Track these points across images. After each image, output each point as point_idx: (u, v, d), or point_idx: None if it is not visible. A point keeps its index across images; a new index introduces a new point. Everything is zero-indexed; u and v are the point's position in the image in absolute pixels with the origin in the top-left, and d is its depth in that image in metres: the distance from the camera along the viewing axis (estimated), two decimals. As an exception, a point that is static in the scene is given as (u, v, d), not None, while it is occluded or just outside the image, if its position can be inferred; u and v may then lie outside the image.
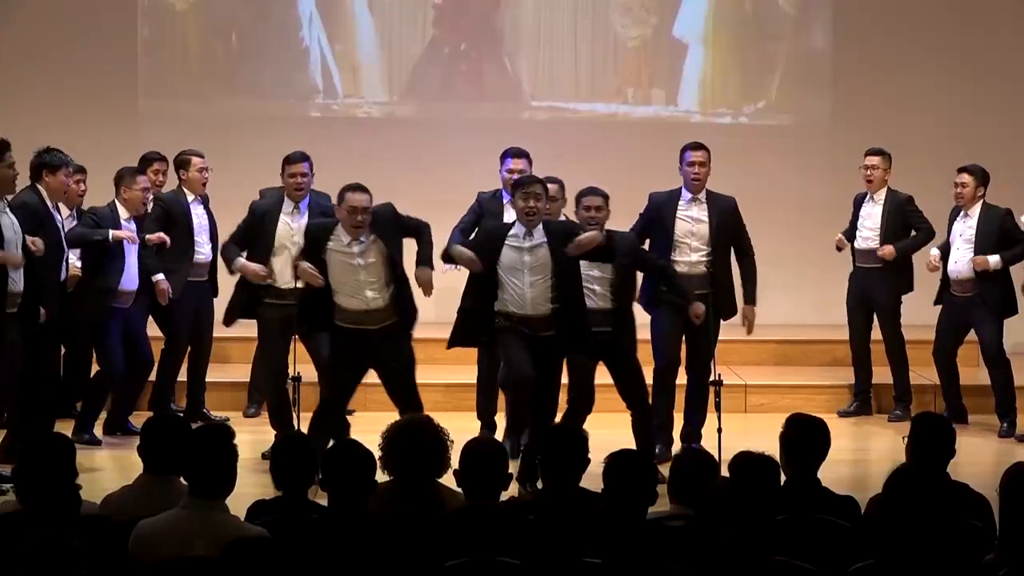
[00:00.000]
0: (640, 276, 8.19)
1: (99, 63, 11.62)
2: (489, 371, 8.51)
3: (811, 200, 10.68)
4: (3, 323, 7.60)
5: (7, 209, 7.78)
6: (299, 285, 7.93)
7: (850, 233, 9.69)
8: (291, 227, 8.37)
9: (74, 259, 8.69)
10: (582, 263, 7.77)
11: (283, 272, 8.23)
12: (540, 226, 7.69)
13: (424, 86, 11.98)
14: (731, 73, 12.06)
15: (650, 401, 8.11)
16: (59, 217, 8.26)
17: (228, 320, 8.35)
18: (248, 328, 9.26)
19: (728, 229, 8.50)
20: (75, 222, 8.71)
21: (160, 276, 8.79)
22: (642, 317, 8.25)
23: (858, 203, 9.69)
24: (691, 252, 8.44)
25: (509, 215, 8.39)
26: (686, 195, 8.52)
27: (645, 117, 11.78)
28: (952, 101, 11.70)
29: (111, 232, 8.58)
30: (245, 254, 8.32)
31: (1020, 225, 9.16)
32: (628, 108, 11.99)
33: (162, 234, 8.93)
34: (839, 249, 9.59)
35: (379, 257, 7.69)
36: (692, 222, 8.45)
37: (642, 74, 12.08)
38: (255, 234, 8.27)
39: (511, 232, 7.80)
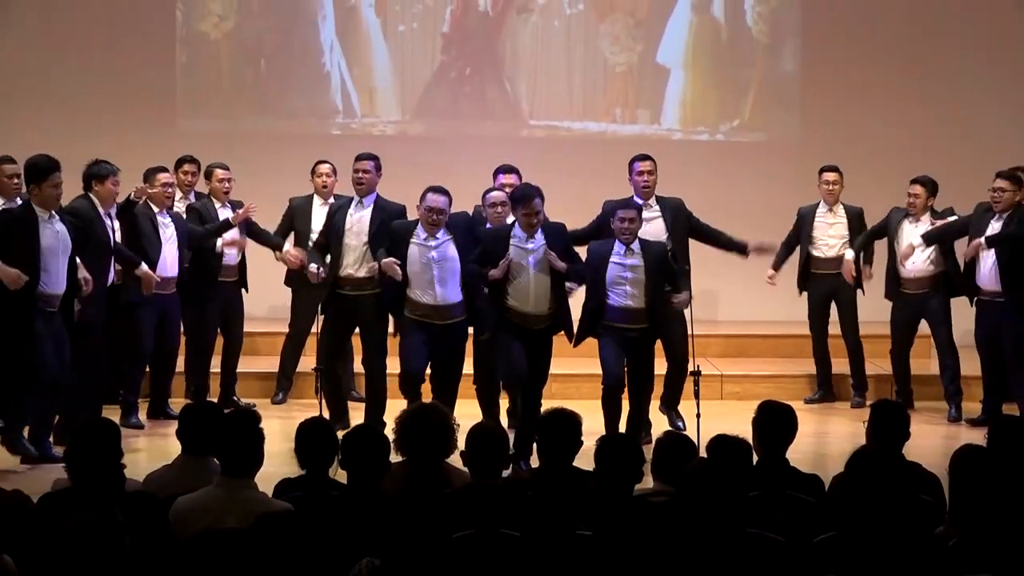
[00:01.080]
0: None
1: (142, 86, 11.61)
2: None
3: (780, 208, 10.63)
4: (41, 319, 7.63)
5: (56, 219, 7.80)
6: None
7: (792, 242, 9.66)
8: (352, 219, 8.37)
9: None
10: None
11: (354, 262, 8.36)
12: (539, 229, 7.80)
13: (433, 106, 11.97)
14: (708, 95, 12.04)
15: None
16: (108, 222, 8.27)
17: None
18: (272, 324, 9.30)
19: (681, 224, 8.48)
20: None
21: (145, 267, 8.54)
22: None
23: (808, 215, 9.64)
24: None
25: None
26: (638, 201, 8.47)
27: (631, 135, 11.75)
28: (907, 120, 11.68)
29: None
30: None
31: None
32: (616, 127, 11.98)
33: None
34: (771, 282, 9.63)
35: (450, 256, 7.84)
36: (647, 223, 8.38)
37: (628, 96, 12.07)
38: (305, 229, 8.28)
39: (513, 233, 7.87)
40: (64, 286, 7.77)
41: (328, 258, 8.45)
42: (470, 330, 8.17)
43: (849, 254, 9.40)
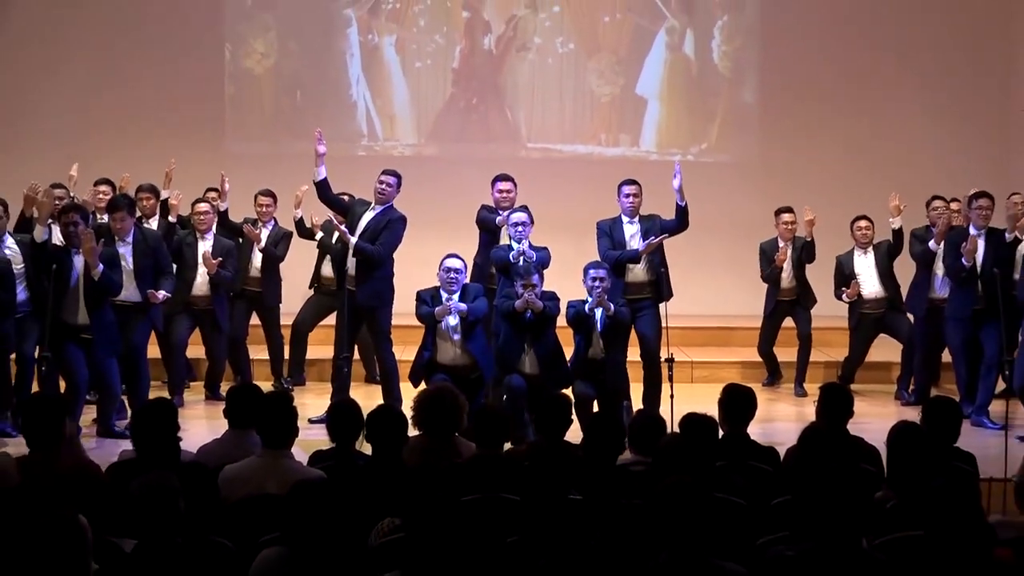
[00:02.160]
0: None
1: (196, 114, 11.64)
2: None
3: (741, 219, 10.66)
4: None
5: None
6: None
7: (771, 276, 9.50)
8: (364, 220, 8.25)
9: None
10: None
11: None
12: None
13: (444, 131, 11.98)
14: (680, 121, 12.05)
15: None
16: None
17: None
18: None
19: (656, 232, 8.38)
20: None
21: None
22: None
23: (770, 251, 9.52)
24: (634, 263, 8.39)
25: (504, 231, 8.46)
26: (625, 219, 8.49)
27: (614, 156, 11.77)
28: (853, 145, 11.69)
29: None
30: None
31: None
32: (601, 149, 11.99)
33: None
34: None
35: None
36: (630, 237, 8.42)
37: (612, 122, 12.08)
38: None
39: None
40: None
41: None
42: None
43: None
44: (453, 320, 7.81)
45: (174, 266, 8.58)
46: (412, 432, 5.35)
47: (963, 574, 3.73)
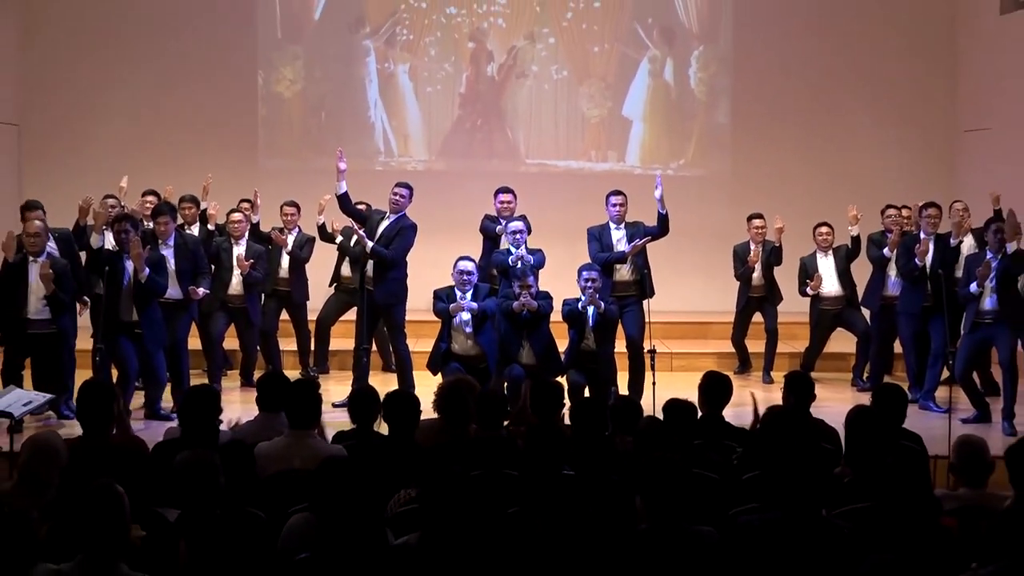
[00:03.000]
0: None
1: (232, 133, 11.65)
2: None
3: (715, 226, 10.67)
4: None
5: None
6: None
7: (745, 274, 9.51)
8: (380, 228, 8.27)
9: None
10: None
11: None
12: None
13: (452, 149, 11.97)
14: (661, 140, 12.05)
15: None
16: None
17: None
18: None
19: (639, 236, 8.39)
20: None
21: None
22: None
23: (742, 253, 9.53)
24: (621, 264, 8.42)
25: (504, 238, 8.46)
26: (612, 225, 8.50)
27: (602, 171, 11.77)
28: (816, 161, 11.70)
29: None
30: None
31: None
32: (591, 164, 11.99)
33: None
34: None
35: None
36: (617, 242, 8.44)
37: (600, 141, 12.07)
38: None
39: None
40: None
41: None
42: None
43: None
44: (466, 316, 7.84)
45: (212, 267, 8.63)
46: (426, 415, 5.35)
47: (911, 541, 3.74)
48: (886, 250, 8.90)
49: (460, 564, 3.51)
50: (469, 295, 7.89)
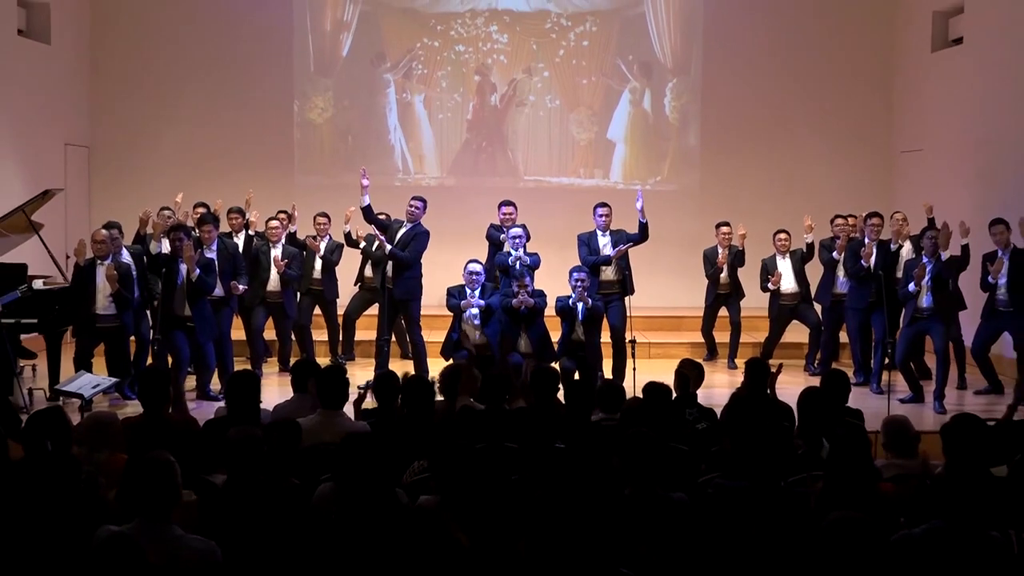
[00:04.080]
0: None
1: (271, 153, 11.61)
2: None
3: (687, 233, 10.65)
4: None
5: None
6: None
7: (714, 274, 9.49)
8: (399, 236, 8.31)
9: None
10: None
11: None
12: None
13: (461, 167, 11.95)
14: (640, 159, 12.03)
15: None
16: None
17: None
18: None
19: (622, 241, 8.39)
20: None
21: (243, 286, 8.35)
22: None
23: (711, 256, 9.51)
24: (606, 266, 8.42)
25: (506, 245, 8.45)
26: (599, 233, 8.50)
27: (590, 186, 11.75)
28: (774, 177, 11.69)
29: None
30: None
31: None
32: (580, 180, 11.97)
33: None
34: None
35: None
36: (603, 247, 8.43)
37: (588, 160, 12.05)
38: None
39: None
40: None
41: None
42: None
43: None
44: (474, 311, 7.84)
45: (251, 268, 8.64)
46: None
47: (855, 504, 3.75)
48: (835, 253, 8.93)
49: (472, 525, 3.51)
50: (477, 293, 7.90)
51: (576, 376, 7.62)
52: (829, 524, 3.13)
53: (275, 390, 7.96)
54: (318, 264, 9.19)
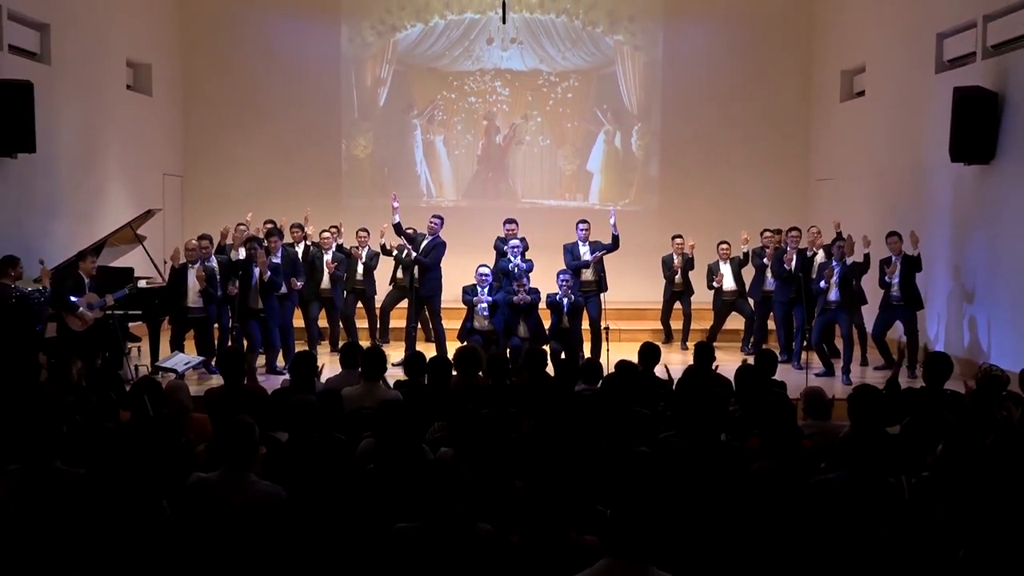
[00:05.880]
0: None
1: (323, 182, 11.58)
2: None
3: (649, 244, 10.56)
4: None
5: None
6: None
7: (670, 275, 9.45)
8: (422, 247, 8.26)
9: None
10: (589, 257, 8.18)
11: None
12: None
13: (472, 192, 11.92)
14: (612, 186, 11.99)
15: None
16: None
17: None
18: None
19: (599, 250, 8.37)
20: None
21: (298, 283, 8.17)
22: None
23: (668, 261, 9.49)
24: (586, 269, 8.39)
25: (508, 253, 8.38)
26: (580, 243, 8.47)
27: (574, 207, 11.66)
28: (716, 199, 11.64)
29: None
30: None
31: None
32: (566, 203, 11.91)
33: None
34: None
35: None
36: (583, 255, 8.40)
37: (572, 186, 12.01)
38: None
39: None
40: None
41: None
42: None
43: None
44: (484, 305, 7.82)
45: (307, 270, 8.61)
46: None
47: (779, 456, 3.74)
48: (764, 259, 8.91)
49: (480, 471, 3.50)
50: (486, 291, 7.88)
51: (563, 355, 7.62)
52: (753, 472, 3.13)
53: (327, 367, 7.96)
54: (360, 268, 9.17)
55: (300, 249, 8.82)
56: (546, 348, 6.73)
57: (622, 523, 2.46)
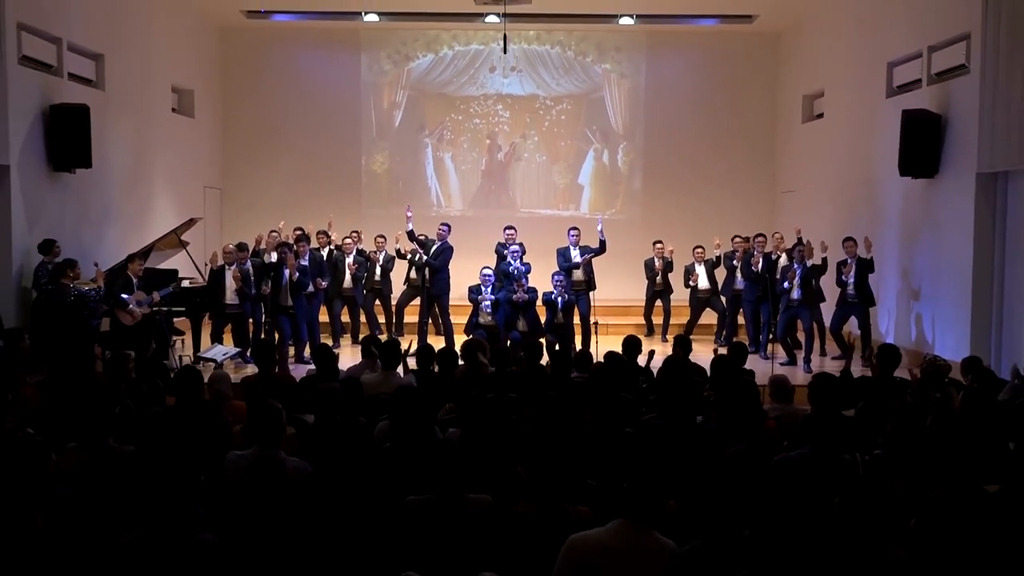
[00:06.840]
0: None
1: (345, 193, 11.56)
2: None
3: (633, 248, 10.55)
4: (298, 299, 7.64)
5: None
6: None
7: (652, 276, 9.43)
8: (432, 251, 8.29)
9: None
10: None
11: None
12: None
13: (477, 202, 11.88)
14: (601, 196, 11.96)
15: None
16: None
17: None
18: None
19: (588, 253, 8.39)
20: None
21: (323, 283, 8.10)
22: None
23: (650, 264, 9.47)
24: (577, 270, 8.38)
25: (508, 257, 8.37)
26: (571, 247, 8.45)
27: (567, 216, 11.65)
28: (687, 209, 11.61)
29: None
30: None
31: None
32: (560, 212, 11.88)
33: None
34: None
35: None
36: (575, 257, 8.39)
37: (566, 198, 11.97)
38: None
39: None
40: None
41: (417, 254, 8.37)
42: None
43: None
44: (487, 302, 7.81)
45: (334, 272, 8.60)
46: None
47: (745, 435, 3.73)
48: (735, 262, 8.89)
49: (484, 450, 3.50)
50: (489, 290, 7.88)
51: (557, 347, 7.61)
52: (728, 455, 3.12)
53: (348, 357, 7.95)
54: (378, 270, 9.15)
55: (325, 253, 8.81)
56: (543, 341, 6.72)
57: (638, 490, 2.54)
